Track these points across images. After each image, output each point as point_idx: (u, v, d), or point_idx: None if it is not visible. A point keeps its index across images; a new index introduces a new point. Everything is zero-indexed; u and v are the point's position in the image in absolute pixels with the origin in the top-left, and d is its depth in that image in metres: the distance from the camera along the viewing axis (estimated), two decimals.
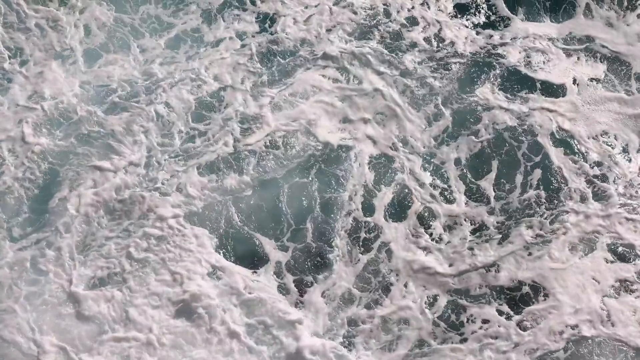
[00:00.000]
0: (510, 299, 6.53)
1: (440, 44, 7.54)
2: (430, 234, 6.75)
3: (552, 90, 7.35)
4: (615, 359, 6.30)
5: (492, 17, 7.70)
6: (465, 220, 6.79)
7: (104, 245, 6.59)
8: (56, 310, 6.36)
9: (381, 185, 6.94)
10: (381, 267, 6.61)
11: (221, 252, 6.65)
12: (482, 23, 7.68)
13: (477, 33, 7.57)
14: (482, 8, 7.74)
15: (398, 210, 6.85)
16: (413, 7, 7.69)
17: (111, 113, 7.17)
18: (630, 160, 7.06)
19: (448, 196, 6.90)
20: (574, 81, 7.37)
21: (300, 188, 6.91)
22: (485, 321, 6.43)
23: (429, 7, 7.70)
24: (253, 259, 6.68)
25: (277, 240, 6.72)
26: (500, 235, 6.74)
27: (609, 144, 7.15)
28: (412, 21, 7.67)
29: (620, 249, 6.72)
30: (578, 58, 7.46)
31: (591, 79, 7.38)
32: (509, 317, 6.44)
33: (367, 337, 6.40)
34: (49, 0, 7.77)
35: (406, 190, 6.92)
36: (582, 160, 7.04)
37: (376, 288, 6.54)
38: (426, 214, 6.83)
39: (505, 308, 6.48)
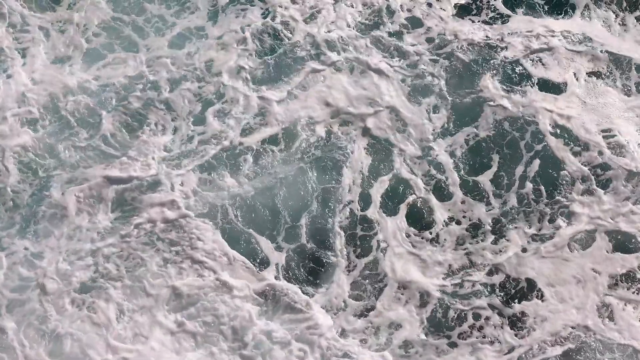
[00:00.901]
0: (508, 298, 6.46)
1: (441, 38, 7.59)
2: (430, 232, 6.72)
3: (553, 84, 7.37)
4: (621, 358, 6.22)
5: (493, 14, 7.77)
6: (463, 217, 6.76)
7: (97, 249, 6.52)
8: (44, 322, 6.25)
9: (378, 179, 6.93)
10: (377, 269, 6.55)
11: (222, 251, 6.60)
12: (482, 19, 7.74)
13: (478, 28, 7.63)
14: (483, 6, 7.83)
15: (395, 205, 6.83)
16: (414, 7, 7.79)
17: (110, 113, 7.18)
18: (630, 154, 7.02)
19: (445, 191, 6.88)
20: (574, 76, 7.38)
21: (299, 183, 6.89)
22: (477, 317, 6.37)
23: (430, 5, 7.80)
24: (254, 259, 6.63)
25: (274, 240, 6.68)
26: (499, 232, 6.69)
27: (610, 137, 7.13)
28: (414, 17, 7.74)
29: (622, 242, 6.66)
30: (578, 53, 7.51)
31: (591, 74, 7.41)
32: (504, 317, 6.37)
33: (360, 342, 6.33)
34: (58, 6, 7.85)
35: (404, 185, 6.90)
36: (582, 154, 7.02)
37: (371, 292, 6.49)
38: (423, 210, 6.81)
39: (501, 307, 6.40)
